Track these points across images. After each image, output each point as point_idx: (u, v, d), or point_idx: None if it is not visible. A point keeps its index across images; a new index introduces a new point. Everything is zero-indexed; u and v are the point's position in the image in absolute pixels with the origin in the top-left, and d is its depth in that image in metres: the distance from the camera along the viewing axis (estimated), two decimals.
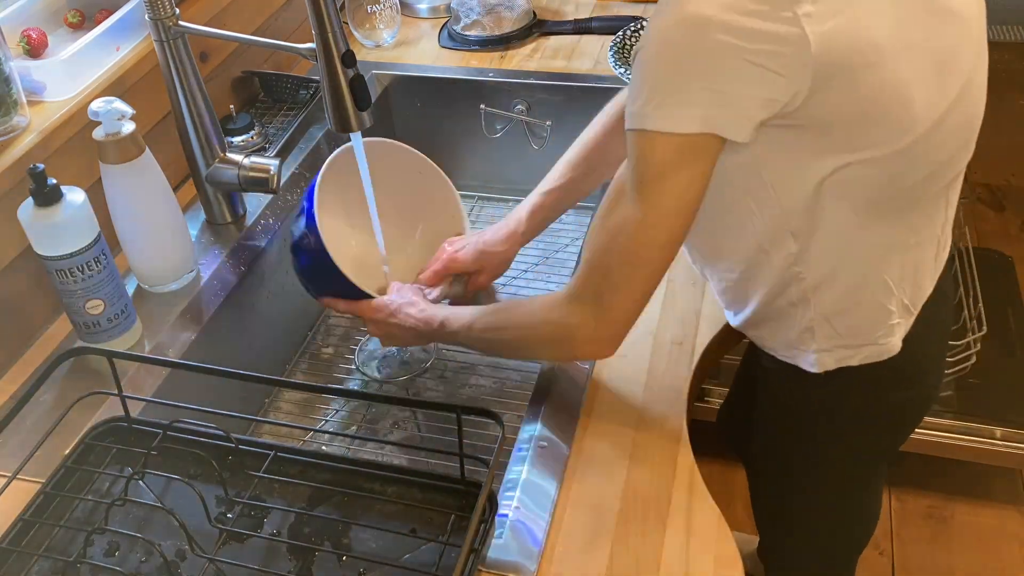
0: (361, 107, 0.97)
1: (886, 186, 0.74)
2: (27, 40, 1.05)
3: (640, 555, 0.74)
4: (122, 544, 0.75)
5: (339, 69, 0.95)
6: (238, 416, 0.84)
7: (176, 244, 1.03)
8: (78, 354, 0.82)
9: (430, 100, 1.44)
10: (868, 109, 0.69)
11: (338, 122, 0.98)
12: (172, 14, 1.00)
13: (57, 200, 0.86)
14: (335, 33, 0.93)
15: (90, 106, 0.92)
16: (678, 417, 0.85)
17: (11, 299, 0.97)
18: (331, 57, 0.94)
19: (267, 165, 1.08)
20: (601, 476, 0.81)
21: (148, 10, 0.99)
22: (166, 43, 1.01)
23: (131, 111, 0.93)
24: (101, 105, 0.92)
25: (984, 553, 1.62)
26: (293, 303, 1.23)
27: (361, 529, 0.74)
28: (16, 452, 0.84)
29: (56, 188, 0.86)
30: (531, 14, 1.48)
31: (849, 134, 0.70)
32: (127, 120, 0.94)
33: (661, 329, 0.95)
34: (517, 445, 0.86)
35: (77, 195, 0.88)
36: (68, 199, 0.87)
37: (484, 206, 1.47)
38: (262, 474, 0.77)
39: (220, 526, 0.75)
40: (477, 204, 1.49)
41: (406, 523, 0.75)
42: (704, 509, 0.77)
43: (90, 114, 0.92)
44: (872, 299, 0.81)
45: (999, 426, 1.56)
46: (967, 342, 1.52)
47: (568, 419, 0.86)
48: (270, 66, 1.38)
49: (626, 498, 0.79)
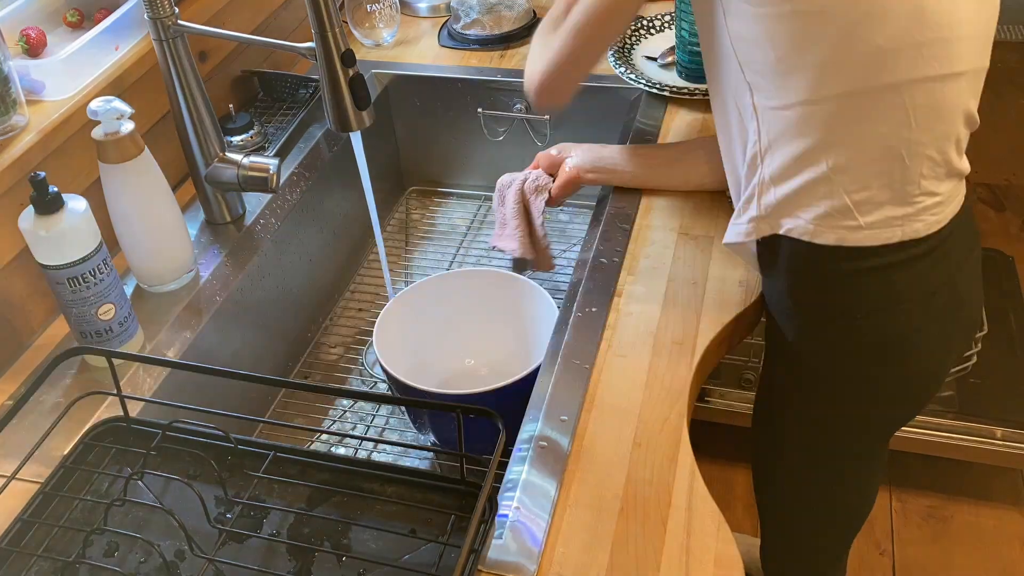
0: (360, 106, 0.97)
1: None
2: (26, 39, 1.05)
3: (640, 555, 0.74)
4: (121, 544, 0.75)
5: (339, 68, 0.95)
6: (238, 417, 0.84)
7: (175, 243, 1.03)
8: (77, 354, 0.82)
9: (430, 99, 1.44)
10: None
11: (337, 121, 0.98)
12: (171, 13, 1.00)
13: (59, 208, 0.86)
14: (335, 32, 0.93)
15: (89, 105, 0.92)
16: (678, 417, 0.85)
17: (9, 300, 0.97)
18: (330, 56, 0.94)
19: (266, 164, 1.07)
20: (601, 476, 0.81)
21: (147, 9, 0.99)
22: (165, 42, 1.01)
23: (130, 110, 0.93)
24: (100, 104, 0.92)
25: (985, 553, 1.62)
26: (296, 303, 1.23)
27: (361, 529, 0.74)
28: (15, 452, 0.84)
29: (58, 196, 0.85)
30: (531, 13, 1.48)
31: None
32: (126, 119, 0.93)
33: (661, 329, 0.94)
34: (517, 445, 0.85)
35: (79, 203, 0.88)
36: (70, 207, 0.87)
37: (489, 205, 1.47)
38: (261, 474, 0.77)
39: (219, 526, 0.74)
40: (484, 205, 1.49)
41: (406, 524, 0.74)
42: (704, 510, 0.77)
43: (89, 113, 0.92)
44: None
45: (1000, 426, 1.55)
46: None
47: (568, 419, 0.86)
48: (269, 65, 1.38)
49: (626, 498, 0.79)
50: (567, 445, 0.84)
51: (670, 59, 1.30)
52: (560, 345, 0.94)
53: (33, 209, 0.85)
